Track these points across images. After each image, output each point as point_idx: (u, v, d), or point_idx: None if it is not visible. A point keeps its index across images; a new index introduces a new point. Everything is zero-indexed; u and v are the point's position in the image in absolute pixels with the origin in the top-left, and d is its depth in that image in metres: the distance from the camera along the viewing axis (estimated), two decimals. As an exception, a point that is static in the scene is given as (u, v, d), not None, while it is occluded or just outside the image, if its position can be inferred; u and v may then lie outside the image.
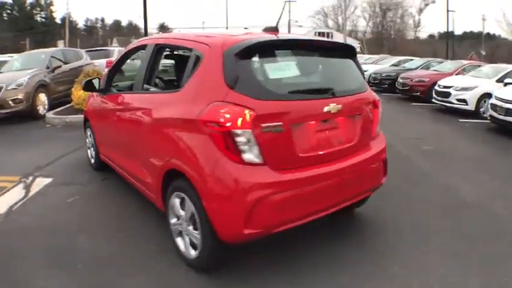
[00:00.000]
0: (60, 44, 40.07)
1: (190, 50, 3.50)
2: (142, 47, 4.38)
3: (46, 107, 10.91)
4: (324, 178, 3.13)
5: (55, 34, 61.61)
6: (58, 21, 66.84)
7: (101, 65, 15.05)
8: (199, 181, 2.93)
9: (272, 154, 2.90)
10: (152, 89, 3.99)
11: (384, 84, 17.30)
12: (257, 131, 2.81)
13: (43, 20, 66.50)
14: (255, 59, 3.10)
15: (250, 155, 2.83)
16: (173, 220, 3.43)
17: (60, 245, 3.73)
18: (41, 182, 5.48)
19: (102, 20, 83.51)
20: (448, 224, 4.24)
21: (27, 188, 5.29)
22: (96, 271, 3.29)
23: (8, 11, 64.11)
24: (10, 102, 10.02)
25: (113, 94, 4.78)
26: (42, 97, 10.79)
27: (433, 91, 12.84)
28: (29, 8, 63.99)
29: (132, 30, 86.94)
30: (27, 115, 10.39)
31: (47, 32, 63.29)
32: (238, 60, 2.98)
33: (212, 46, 3.20)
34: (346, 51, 3.84)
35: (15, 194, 5.10)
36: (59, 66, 11.79)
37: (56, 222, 4.19)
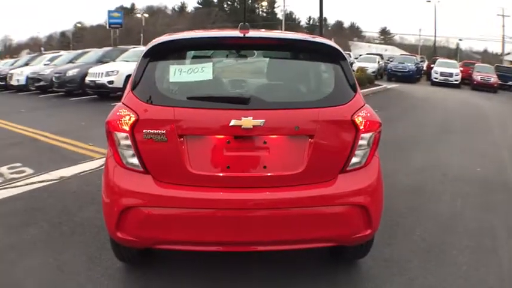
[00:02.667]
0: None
1: None
2: None
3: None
4: (227, 206, 2.76)
5: (275, 29, 66.12)
6: (280, 17, 72.18)
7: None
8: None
9: (155, 164, 2.79)
10: None
11: None
12: (138, 136, 2.75)
13: (264, 14, 72.51)
14: (162, 59, 3.01)
15: (130, 160, 2.80)
16: None
17: (69, 208, 4.60)
18: (121, 159, 6.58)
19: (325, 19, 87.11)
20: None
21: (107, 161, 6.44)
22: (68, 235, 3.97)
23: (229, 2, 71.57)
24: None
25: None
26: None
27: None
28: (250, 1, 70.44)
29: (353, 32, 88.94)
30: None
31: (266, 26, 68.90)
32: (148, 60, 2.93)
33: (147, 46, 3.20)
34: (313, 51, 3.20)
35: (94, 164, 6.30)
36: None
37: (91, 192, 5.09)
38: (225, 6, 73.21)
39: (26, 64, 21.45)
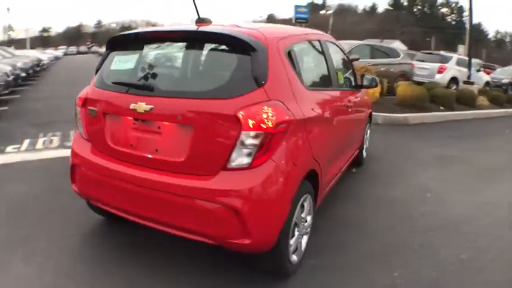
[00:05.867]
0: (461, 48, 40.09)
1: None
2: None
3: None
4: (123, 178, 3.12)
5: (463, 39, 62.46)
6: (467, 26, 67.09)
7: (432, 68, 17.09)
8: None
9: (92, 135, 3.43)
10: None
11: None
12: (84, 111, 3.44)
13: (453, 22, 68.56)
14: (113, 50, 3.62)
15: (80, 130, 3.53)
16: None
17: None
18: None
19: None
20: None
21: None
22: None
23: (419, 7, 68.96)
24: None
25: None
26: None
27: None
28: (439, 7, 67.10)
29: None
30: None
31: (455, 34, 65.04)
32: (107, 52, 3.63)
33: None
34: (223, 43, 3.17)
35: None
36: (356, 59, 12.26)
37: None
38: (415, 10, 70.92)
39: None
